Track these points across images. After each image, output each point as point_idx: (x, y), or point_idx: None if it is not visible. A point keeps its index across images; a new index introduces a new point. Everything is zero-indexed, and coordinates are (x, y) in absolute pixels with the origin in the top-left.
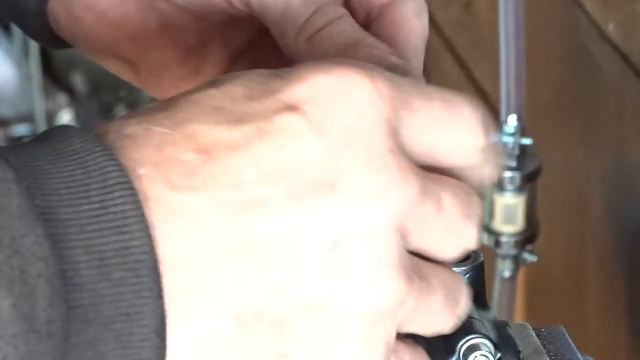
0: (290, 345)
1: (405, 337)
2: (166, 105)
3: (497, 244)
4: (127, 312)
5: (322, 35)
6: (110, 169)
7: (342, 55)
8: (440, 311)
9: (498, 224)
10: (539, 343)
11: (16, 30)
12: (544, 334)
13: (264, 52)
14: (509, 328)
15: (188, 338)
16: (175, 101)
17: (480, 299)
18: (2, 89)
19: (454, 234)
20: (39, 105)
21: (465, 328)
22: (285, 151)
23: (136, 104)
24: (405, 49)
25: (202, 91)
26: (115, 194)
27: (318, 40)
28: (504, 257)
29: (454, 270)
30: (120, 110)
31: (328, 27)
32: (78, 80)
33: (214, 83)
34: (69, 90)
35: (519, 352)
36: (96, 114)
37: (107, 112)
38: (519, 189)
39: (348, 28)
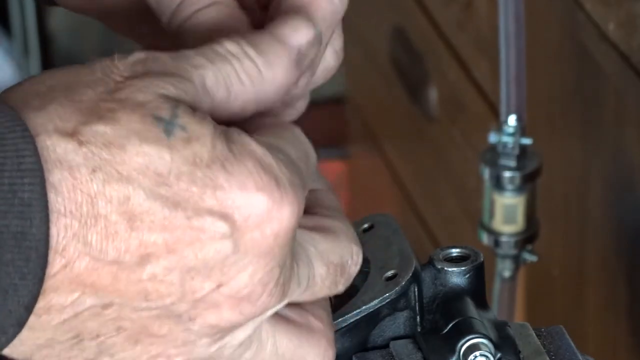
0: None
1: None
2: (114, 133)
3: (497, 244)
4: (6, 289)
5: (191, 22)
6: (26, 152)
7: (205, 42)
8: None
9: (498, 224)
10: (539, 343)
11: (16, 30)
12: (544, 334)
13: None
14: (509, 328)
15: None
16: (123, 145)
17: (480, 299)
18: (2, 89)
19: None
20: None
21: (465, 328)
22: (203, 252)
23: None
24: (315, 20)
25: (153, 146)
26: (26, 180)
27: (187, 27)
28: (504, 257)
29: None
30: None
31: (196, 14)
32: None
33: (168, 131)
34: None
35: (519, 352)
36: None
37: None
38: (519, 189)
39: (215, 15)
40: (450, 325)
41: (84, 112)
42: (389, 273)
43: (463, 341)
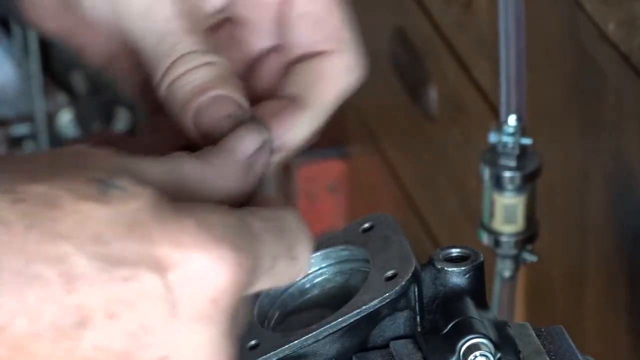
0: None
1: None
2: (49, 201)
3: (497, 244)
4: None
5: (181, 81)
6: None
7: (188, 103)
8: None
9: (498, 224)
10: (539, 343)
11: (16, 30)
12: (544, 334)
13: None
14: (509, 328)
15: None
16: (59, 203)
17: (480, 299)
18: (2, 89)
19: None
20: (39, 105)
21: (465, 328)
22: (142, 315)
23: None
24: (317, 100)
25: (89, 203)
26: None
27: (175, 87)
28: (504, 257)
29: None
30: (121, 110)
31: (184, 75)
32: (78, 80)
33: (106, 190)
34: (69, 90)
35: (519, 352)
36: (96, 114)
37: (107, 112)
38: (519, 189)
39: (203, 75)
40: (450, 325)
41: (23, 176)
42: (389, 273)
43: (463, 341)
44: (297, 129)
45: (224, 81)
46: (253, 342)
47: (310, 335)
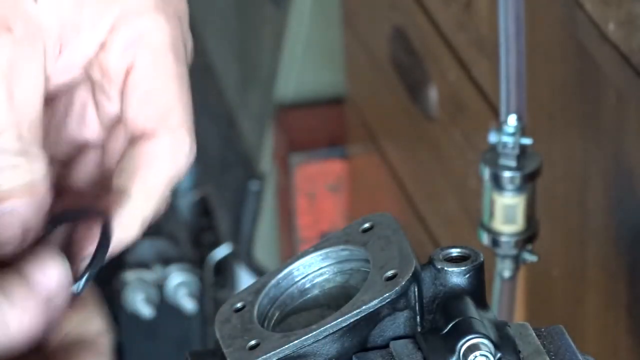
0: None
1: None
2: None
3: (497, 244)
4: None
5: None
6: None
7: None
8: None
9: (498, 224)
10: (539, 343)
11: None
12: (544, 334)
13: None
14: (509, 328)
15: None
16: None
17: (480, 299)
18: None
19: None
20: None
21: (465, 328)
22: None
23: None
24: (139, 190)
25: None
26: None
27: None
28: (504, 257)
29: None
30: None
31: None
32: None
33: None
34: None
35: (519, 352)
36: None
37: None
38: (519, 189)
39: (5, 181)
40: (450, 325)
41: None
42: (389, 273)
43: (463, 341)
44: (121, 227)
45: (25, 190)
46: (253, 342)
47: (310, 335)
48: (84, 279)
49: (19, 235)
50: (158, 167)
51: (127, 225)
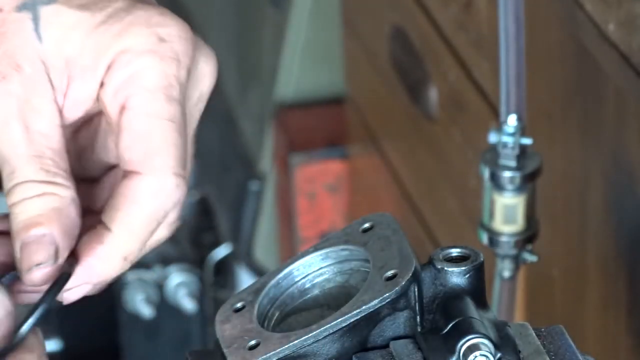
0: None
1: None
2: None
3: (497, 244)
4: None
5: (13, 210)
6: None
7: (16, 237)
8: None
9: (498, 224)
10: (539, 343)
11: None
12: (544, 334)
13: None
14: (509, 328)
15: None
16: None
17: (480, 299)
18: None
19: None
20: None
21: (465, 328)
22: None
23: None
24: (119, 227)
25: None
26: None
27: (11, 214)
28: (504, 257)
29: None
30: None
31: (17, 205)
32: None
33: None
34: None
35: (519, 352)
36: None
37: None
38: (519, 189)
39: (33, 209)
40: (450, 325)
41: None
42: (389, 273)
43: (463, 341)
44: (102, 262)
45: (52, 218)
46: (253, 342)
47: (310, 335)
48: (27, 324)
49: (51, 257)
50: (141, 205)
51: (108, 261)
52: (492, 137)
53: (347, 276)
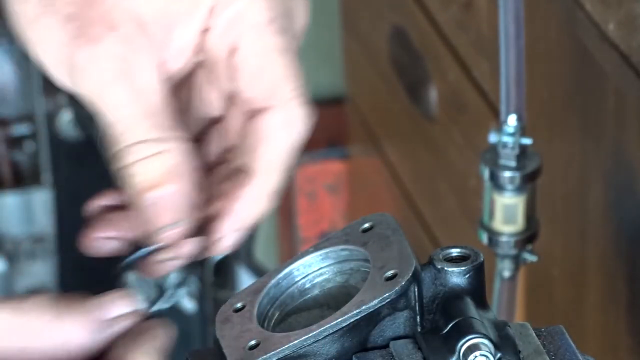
0: None
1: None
2: None
3: (497, 244)
4: None
5: (127, 172)
6: None
7: (137, 197)
8: None
9: (498, 224)
10: (539, 343)
11: None
12: (544, 334)
13: None
14: (509, 328)
15: None
16: None
17: (480, 299)
18: (2, 89)
19: None
20: (39, 105)
21: (465, 328)
22: None
23: None
24: (261, 165)
25: None
26: None
27: (125, 176)
28: (504, 257)
29: None
30: None
31: (132, 166)
32: None
33: None
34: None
35: (519, 352)
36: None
37: None
38: (519, 189)
39: (152, 169)
40: (450, 325)
41: None
42: (389, 273)
43: (463, 341)
44: (248, 205)
45: (174, 174)
46: (253, 342)
47: (310, 335)
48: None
49: (173, 220)
50: (276, 141)
51: (255, 202)
52: (492, 137)
53: (347, 276)
